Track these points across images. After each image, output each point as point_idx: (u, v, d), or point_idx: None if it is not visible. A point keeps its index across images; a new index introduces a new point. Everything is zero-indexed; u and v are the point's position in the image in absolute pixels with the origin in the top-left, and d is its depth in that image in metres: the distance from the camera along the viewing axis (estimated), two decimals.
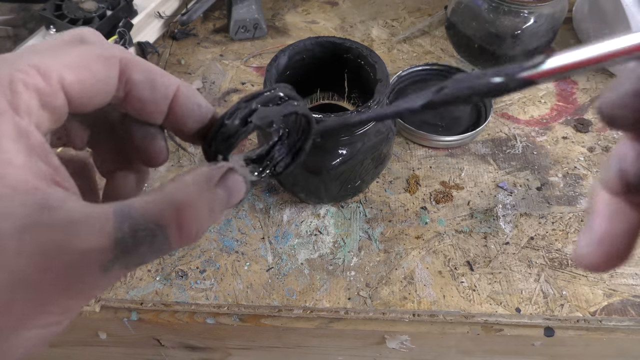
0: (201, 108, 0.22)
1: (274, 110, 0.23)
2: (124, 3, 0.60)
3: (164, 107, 0.22)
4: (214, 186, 0.20)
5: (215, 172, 0.21)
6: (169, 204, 0.19)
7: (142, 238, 0.18)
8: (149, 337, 0.49)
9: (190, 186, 0.20)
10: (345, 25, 0.69)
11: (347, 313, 0.44)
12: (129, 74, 0.20)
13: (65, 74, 0.19)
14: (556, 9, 0.57)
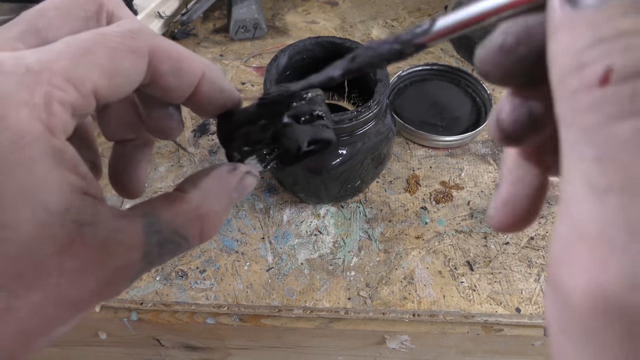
0: (223, 93, 0.22)
1: (304, 132, 0.22)
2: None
3: (188, 93, 0.21)
4: (231, 192, 0.22)
5: (234, 179, 0.22)
6: (194, 218, 0.20)
7: (168, 250, 0.19)
8: (149, 337, 0.49)
9: (212, 196, 0.21)
10: (345, 25, 0.69)
11: (347, 313, 0.44)
12: (155, 64, 0.20)
13: (98, 80, 0.18)
14: None
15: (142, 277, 0.45)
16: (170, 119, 0.23)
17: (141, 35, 0.19)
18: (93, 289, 0.17)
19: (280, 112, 0.22)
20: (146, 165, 0.25)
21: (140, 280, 0.45)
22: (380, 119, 0.42)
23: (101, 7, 0.22)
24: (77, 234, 0.17)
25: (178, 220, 0.19)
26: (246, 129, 0.23)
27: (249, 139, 0.23)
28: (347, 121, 0.40)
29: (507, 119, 0.17)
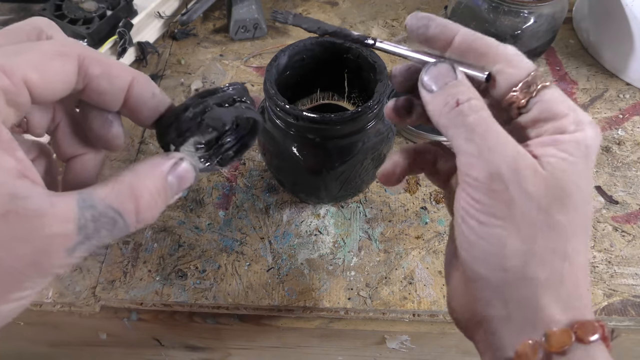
0: (155, 97, 0.24)
1: (227, 112, 0.25)
2: (124, 3, 0.60)
3: (121, 97, 0.24)
4: (166, 175, 0.23)
5: (167, 163, 0.24)
6: (128, 195, 0.22)
7: (103, 224, 0.21)
8: (149, 337, 0.49)
9: (146, 177, 0.23)
10: (345, 25, 0.69)
11: (347, 313, 0.44)
12: (86, 68, 0.22)
13: (29, 72, 0.21)
14: (556, 9, 0.57)
15: (142, 277, 0.45)
16: (110, 127, 0.25)
17: (70, 45, 0.22)
18: (28, 256, 0.19)
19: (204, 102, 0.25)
20: (96, 176, 0.27)
21: (141, 280, 0.45)
22: (380, 119, 0.42)
23: (41, 32, 0.24)
24: (12, 205, 0.19)
25: (111, 196, 0.21)
26: (177, 123, 0.25)
27: (180, 129, 0.25)
28: (347, 121, 0.40)
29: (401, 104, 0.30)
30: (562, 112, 0.25)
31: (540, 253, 0.23)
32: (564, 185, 0.24)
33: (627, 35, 0.59)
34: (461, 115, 0.24)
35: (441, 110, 0.25)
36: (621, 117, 0.58)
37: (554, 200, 0.23)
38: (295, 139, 0.42)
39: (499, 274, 0.24)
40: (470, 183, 0.24)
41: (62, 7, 0.59)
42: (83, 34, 0.57)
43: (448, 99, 0.25)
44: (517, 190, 0.23)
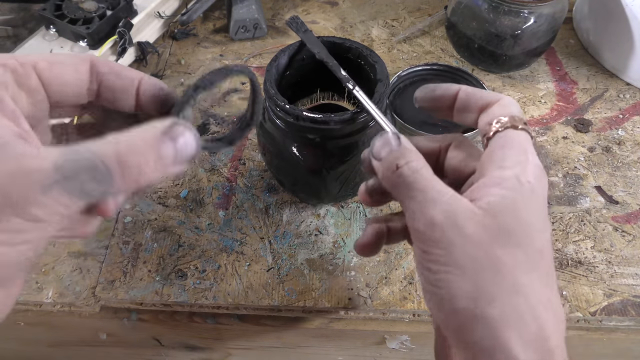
0: (163, 90, 0.26)
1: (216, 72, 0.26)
2: (124, 3, 0.60)
3: (132, 93, 0.26)
4: (160, 134, 0.22)
5: (161, 124, 0.22)
6: (112, 144, 0.21)
7: (82, 167, 0.20)
8: (149, 337, 0.49)
9: (136, 136, 0.22)
10: (345, 25, 0.69)
11: (347, 313, 0.44)
12: (97, 68, 0.25)
13: (38, 61, 0.23)
14: (556, 9, 0.57)
15: (142, 277, 0.45)
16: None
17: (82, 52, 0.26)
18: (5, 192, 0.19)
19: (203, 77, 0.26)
20: None
21: (141, 280, 0.45)
22: None
23: None
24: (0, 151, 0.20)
25: (96, 146, 0.21)
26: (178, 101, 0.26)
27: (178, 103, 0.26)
28: (347, 121, 0.40)
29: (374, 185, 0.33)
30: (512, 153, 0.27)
31: (488, 291, 0.24)
32: (503, 223, 0.24)
33: (627, 35, 0.59)
34: (402, 176, 0.27)
35: (386, 175, 0.28)
36: (621, 117, 0.58)
37: (494, 238, 0.24)
38: (295, 139, 0.42)
39: (454, 318, 0.24)
40: (416, 236, 0.26)
41: (62, 7, 0.59)
42: (83, 34, 0.57)
43: (391, 164, 0.28)
44: (455, 233, 0.24)
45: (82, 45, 0.58)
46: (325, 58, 0.44)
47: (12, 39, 0.68)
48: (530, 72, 0.63)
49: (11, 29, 0.68)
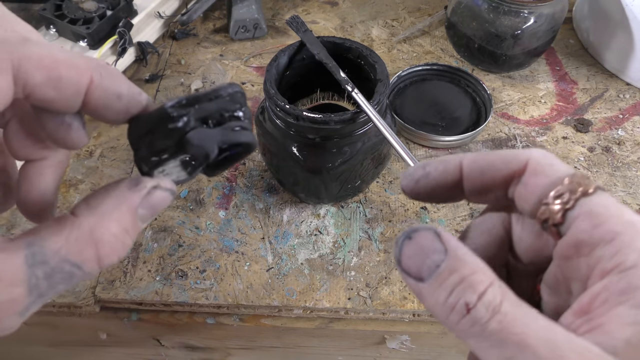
0: (121, 99, 0.20)
1: (211, 136, 0.20)
2: (124, 3, 0.60)
3: (77, 103, 0.19)
4: (135, 209, 0.20)
5: (137, 195, 0.20)
6: (86, 243, 0.18)
7: (58, 280, 0.18)
8: (149, 337, 0.49)
9: (110, 217, 0.19)
10: (345, 25, 0.69)
11: (347, 313, 0.44)
12: (25, 76, 0.18)
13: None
14: (556, 9, 0.57)
15: (142, 277, 0.45)
16: (68, 130, 0.20)
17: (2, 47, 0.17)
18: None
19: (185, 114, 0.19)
20: (54, 187, 0.23)
21: (141, 280, 0.45)
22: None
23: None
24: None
25: (68, 247, 0.18)
26: (151, 136, 0.20)
27: (154, 147, 0.20)
28: (347, 121, 0.40)
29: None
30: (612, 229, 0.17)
31: None
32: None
33: (627, 35, 0.59)
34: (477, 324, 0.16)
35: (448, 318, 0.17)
36: (621, 117, 0.58)
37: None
38: (295, 139, 0.42)
39: None
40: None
41: (62, 7, 0.59)
42: (83, 34, 0.57)
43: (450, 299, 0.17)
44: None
45: (82, 45, 0.58)
46: (324, 59, 0.44)
47: None
48: (530, 72, 0.63)
49: None
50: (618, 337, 0.15)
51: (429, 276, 0.17)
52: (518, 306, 0.16)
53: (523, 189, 0.19)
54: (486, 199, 0.21)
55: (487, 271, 0.17)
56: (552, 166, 0.19)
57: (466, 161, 0.21)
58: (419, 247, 0.17)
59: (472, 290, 0.16)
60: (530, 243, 0.21)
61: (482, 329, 0.16)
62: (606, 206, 0.18)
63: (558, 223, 0.18)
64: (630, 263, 0.16)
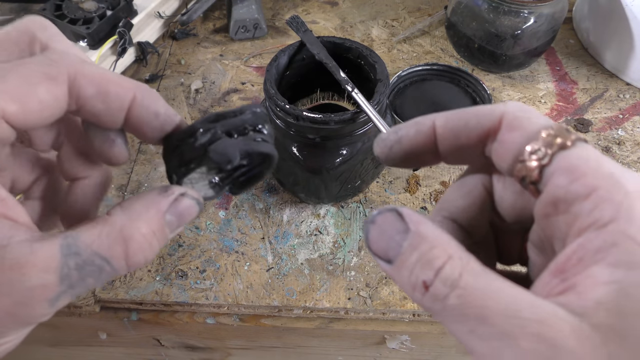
0: (159, 117, 0.22)
1: (234, 145, 0.22)
2: (124, 3, 0.60)
3: (120, 118, 0.21)
4: (163, 214, 0.21)
5: (166, 201, 0.21)
6: (116, 239, 0.19)
7: (88, 273, 0.19)
8: (149, 337, 0.49)
9: (139, 217, 0.20)
10: (345, 25, 0.69)
11: (347, 313, 0.44)
12: (78, 89, 0.20)
13: (7, 105, 0.18)
14: (556, 9, 0.57)
15: (142, 277, 0.45)
16: (111, 145, 0.22)
17: (61, 62, 0.20)
18: (6, 308, 0.18)
19: (211, 128, 0.22)
20: (97, 204, 0.25)
21: (141, 280, 0.45)
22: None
23: (33, 39, 0.22)
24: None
25: (99, 241, 0.19)
26: (180, 149, 0.22)
27: (182, 159, 0.22)
28: (347, 121, 0.40)
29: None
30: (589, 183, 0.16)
31: None
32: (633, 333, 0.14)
33: (627, 35, 0.59)
34: (438, 301, 0.16)
35: (413, 295, 0.17)
36: (621, 117, 0.58)
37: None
38: (295, 139, 0.42)
39: None
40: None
41: (62, 7, 0.59)
42: (83, 34, 0.57)
43: (411, 278, 0.17)
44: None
45: (82, 45, 0.58)
46: (324, 59, 0.44)
47: None
48: (530, 72, 0.63)
49: None
50: (589, 297, 0.15)
51: (395, 257, 0.17)
52: (480, 277, 0.16)
53: (499, 147, 0.19)
54: (464, 159, 0.21)
55: (448, 244, 0.17)
56: (528, 119, 0.18)
57: (439, 122, 0.20)
58: (382, 229, 0.18)
59: (429, 267, 0.16)
60: (512, 202, 0.20)
61: (443, 305, 0.16)
62: (585, 159, 0.17)
63: (535, 180, 0.18)
64: (607, 219, 0.15)
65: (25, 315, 0.18)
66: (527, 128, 0.18)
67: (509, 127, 0.18)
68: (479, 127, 0.19)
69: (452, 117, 0.20)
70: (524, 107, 0.19)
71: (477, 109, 0.19)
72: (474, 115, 0.19)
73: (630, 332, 0.14)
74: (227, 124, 0.22)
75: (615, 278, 0.15)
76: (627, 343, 0.14)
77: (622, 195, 0.16)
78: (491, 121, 0.19)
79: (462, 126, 0.19)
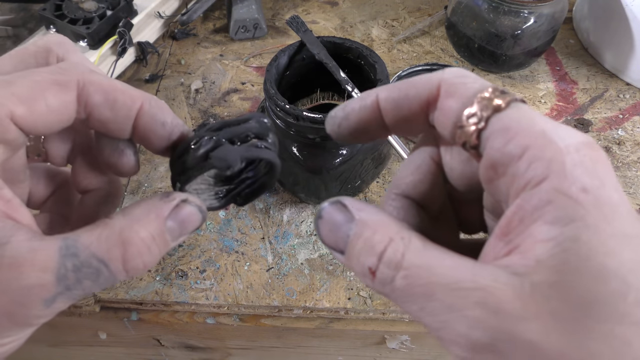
0: (165, 126, 0.22)
1: (234, 152, 0.22)
2: (124, 3, 0.60)
3: (128, 126, 0.21)
4: (163, 219, 0.20)
5: (167, 206, 0.21)
6: (115, 242, 0.19)
7: (85, 275, 0.19)
8: (149, 337, 0.49)
9: (138, 222, 0.20)
10: (345, 25, 0.69)
11: (347, 313, 0.44)
12: (87, 96, 0.20)
13: (15, 107, 0.19)
14: (556, 9, 0.57)
15: (142, 277, 0.45)
16: (121, 155, 0.23)
17: (71, 70, 0.20)
18: (3, 307, 0.18)
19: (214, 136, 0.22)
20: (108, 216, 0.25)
21: (140, 280, 0.45)
22: None
23: (50, 53, 0.22)
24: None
25: (97, 243, 0.19)
26: (184, 157, 0.22)
27: (185, 166, 0.22)
28: None
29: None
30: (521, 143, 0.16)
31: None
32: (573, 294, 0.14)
33: (627, 35, 0.59)
34: (386, 285, 0.17)
35: (365, 282, 0.18)
36: (621, 117, 0.58)
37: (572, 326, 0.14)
38: (295, 139, 0.42)
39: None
40: None
41: (62, 7, 0.59)
42: (83, 34, 0.57)
43: (360, 266, 0.17)
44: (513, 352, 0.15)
45: (82, 45, 0.58)
46: (324, 59, 0.44)
47: (12, 39, 0.68)
48: (530, 72, 0.63)
49: (11, 29, 0.68)
50: (530, 256, 0.15)
51: (345, 248, 0.18)
52: (423, 254, 0.16)
53: (439, 115, 0.19)
54: (411, 130, 0.21)
55: (388, 227, 0.17)
56: (464, 85, 0.18)
57: (381, 95, 0.20)
58: (330, 223, 0.18)
59: (372, 253, 0.17)
60: (461, 171, 0.20)
61: (392, 287, 0.16)
62: (517, 119, 0.17)
63: (475, 145, 0.18)
64: (541, 177, 0.16)
65: (22, 315, 0.18)
66: (463, 93, 0.18)
67: (446, 94, 0.18)
68: (418, 97, 0.19)
69: (394, 89, 0.20)
70: (462, 73, 0.19)
71: (417, 79, 0.19)
72: (413, 85, 0.19)
73: (569, 286, 0.14)
74: (230, 132, 0.22)
75: (552, 235, 0.15)
76: (567, 297, 0.14)
77: (553, 152, 0.16)
78: (429, 90, 0.19)
79: (403, 97, 0.19)
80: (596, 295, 0.14)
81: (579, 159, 0.15)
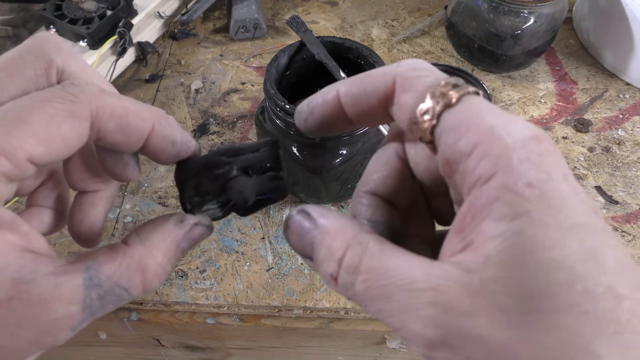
0: (175, 145, 0.22)
1: (251, 186, 0.23)
2: (124, 3, 0.60)
3: (138, 146, 0.22)
4: (178, 243, 0.22)
5: (181, 231, 0.22)
6: (135, 270, 0.20)
7: (109, 301, 0.20)
8: (149, 337, 0.49)
9: (156, 248, 0.21)
10: (345, 25, 0.69)
11: (347, 313, 0.44)
12: (99, 124, 0.20)
13: (34, 149, 0.19)
14: (556, 9, 0.57)
15: None
16: (125, 166, 0.23)
17: (82, 97, 0.20)
18: (31, 339, 0.19)
19: (229, 163, 0.23)
20: (104, 217, 0.25)
21: None
22: None
23: (50, 63, 0.22)
24: (15, 291, 0.18)
25: (120, 273, 0.20)
26: (197, 179, 0.23)
27: (199, 189, 0.23)
28: None
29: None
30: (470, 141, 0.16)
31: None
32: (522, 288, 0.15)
33: (627, 35, 0.59)
34: (348, 290, 0.17)
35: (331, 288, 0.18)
36: (621, 117, 0.58)
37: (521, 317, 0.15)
38: (295, 139, 0.42)
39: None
40: None
41: (62, 7, 0.59)
42: (83, 34, 0.57)
43: (324, 273, 0.18)
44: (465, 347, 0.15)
45: (82, 45, 0.58)
46: (324, 59, 0.44)
47: (12, 39, 0.68)
48: (530, 72, 0.63)
49: (11, 29, 0.68)
50: (481, 253, 0.15)
51: (312, 255, 0.18)
52: (379, 257, 0.17)
53: (396, 110, 0.19)
54: (375, 122, 0.21)
55: (346, 233, 0.18)
56: (418, 79, 0.18)
57: (341, 90, 0.20)
58: (297, 232, 0.19)
59: (332, 259, 0.17)
60: (426, 165, 0.20)
61: (353, 292, 0.17)
62: (468, 115, 0.17)
63: (429, 141, 0.18)
64: (489, 174, 0.16)
65: (49, 342, 0.19)
66: (417, 88, 0.18)
67: (401, 89, 0.18)
68: (376, 92, 0.19)
69: (353, 84, 0.20)
70: (417, 66, 0.19)
71: (374, 72, 0.19)
72: (371, 80, 0.19)
73: (515, 280, 0.15)
74: (245, 161, 0.23)
75: (499, 231, 0.15)
76: (513, 292, 0.15)
77: (501, 148, 0.16)
78: (385, 85, 0.19)
79: (362, 92, 0.20)
80: (542, 288, 0.14)
81: (526, 155, 0.16)
